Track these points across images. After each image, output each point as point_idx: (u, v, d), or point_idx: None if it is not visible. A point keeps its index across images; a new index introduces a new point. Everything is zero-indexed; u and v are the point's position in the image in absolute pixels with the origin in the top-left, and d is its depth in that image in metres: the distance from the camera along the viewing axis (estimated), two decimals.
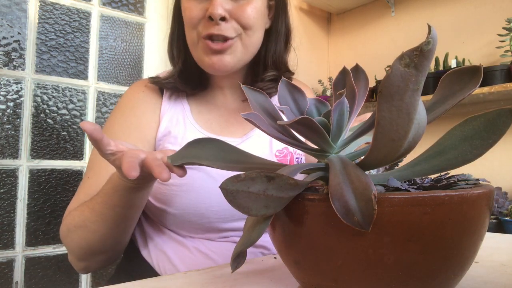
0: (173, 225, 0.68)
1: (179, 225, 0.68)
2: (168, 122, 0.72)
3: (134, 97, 0.74)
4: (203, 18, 0.66)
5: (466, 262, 0.30)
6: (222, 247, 0.68)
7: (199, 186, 0.65)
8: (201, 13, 0.66)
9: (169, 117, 0.72)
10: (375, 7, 2.29)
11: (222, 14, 0.64)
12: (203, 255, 0.67)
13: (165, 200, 0.66)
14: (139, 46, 1.74)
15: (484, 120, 0.32)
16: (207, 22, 0.65)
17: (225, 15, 0.64)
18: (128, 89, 0.76)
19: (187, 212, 0.65)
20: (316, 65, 2.45)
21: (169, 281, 0.43)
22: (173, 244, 0.68)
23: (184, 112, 0.73)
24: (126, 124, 0.70)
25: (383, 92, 0.25)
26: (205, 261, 0.66)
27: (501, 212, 1.52)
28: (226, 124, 0.75)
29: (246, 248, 0.31)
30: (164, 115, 0.72)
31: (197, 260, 0.66)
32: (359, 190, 0.27)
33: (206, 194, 0.65)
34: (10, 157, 1.42)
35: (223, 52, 0.67)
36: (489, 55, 1.79)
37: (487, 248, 0.53)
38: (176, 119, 0.72)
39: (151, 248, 0.69)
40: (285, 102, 0.37)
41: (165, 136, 0.71)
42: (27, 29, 1.47)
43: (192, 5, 0.67)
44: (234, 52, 0.68)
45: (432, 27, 0.24)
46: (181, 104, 0.74)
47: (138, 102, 0.73)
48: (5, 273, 1.39)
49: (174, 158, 0.39)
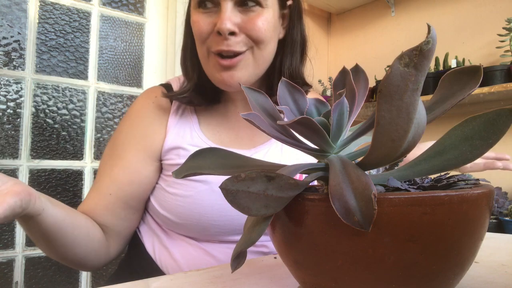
0: (177, 230, 0.69)
1: (181, 231, 0.69)
2: (174, 135, 0.71)
3: (143, 107, 0.73)
4: (212, 33, 0.64)
5: (466, 262, 0.30)
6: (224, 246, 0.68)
7: (203, 199, 0.65)
8: (210, 28, 0.63)
9: (176, 130, 0.71)
10: (375, 7, 2.29)
11: (230, 29, 0.61)
12: (205, 253, 0.68)
13: (169, 208, 0.67)
14: (139, 46, 1.74)
15: (484, 120, 0.32)
16: (216, 36, 0.63)
17: (234, 30, 0.62)
18: (139, 97, 0.76)
19: (189, 223, 0.66)
20: (316, 65, 2.45)
21: (169, 281, 0.43)
22: (177, 242, 0.69)
23: (191, 125, 0.72)
24: (133, 133, 0.70)
25: (383, 92, 0.25)
26: (206, 258, 0.67)
27: (501, 212, 1.52)
28: (235, 136, 0.74)
29: (246, 248, 0.31)
30: (170, 128, 0.71)
31: (199, 257, 0.67)
32: (359, 190, 0.27)
33: (209, 208, 0.65)
34: (10, 157, 1.42)
35: (234, 68, 0.64)
36: (489, 55, 1.79)
37: (487, 248, 0.53)
38: (183, 131, 0.71)
39: (155, 243, 0.71)
40: (285, 102, 0.37)
41: (172, 149, 0.70)
42: (27, 29, 1.47)
43: (201, 18, 0.64)
44: (246, 67, 0.65)
45: (432, 27, 0.24)
46: (189, 117, 0.73)
47: (147, 112, 0.72)
48: (5, 273, 1.39)
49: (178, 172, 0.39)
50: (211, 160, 0.39)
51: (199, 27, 0.64)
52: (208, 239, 0.68)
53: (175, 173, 0.39)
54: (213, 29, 0.63)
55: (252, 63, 0.66)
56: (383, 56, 2.18)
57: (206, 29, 0.64)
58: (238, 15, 0.63)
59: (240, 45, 0.63)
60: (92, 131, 1.60)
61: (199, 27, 0.64)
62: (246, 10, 0.63)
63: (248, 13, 0.63)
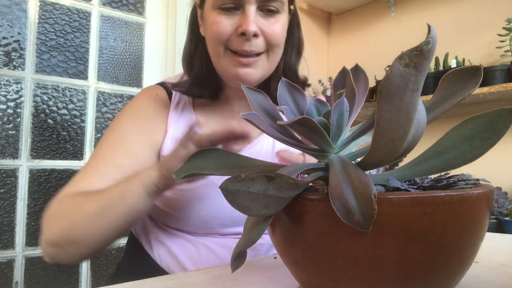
0: (175, 224, 0.69)
1: (181, 226, 0.69)
2: (173, 132, 0.72)
3: (145, 102, 0.74)
4: (233, 34, 0.66)
5: (466, 262, 0.30)
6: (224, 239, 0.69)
7: (202, 192, 0.67)
8: (232, 29, 0.66)
9: (176, 127, 0.73)
10: (375, 7, 2.29)
11: (256, 31, 0.65)
12: (205, 247, 0.68)
13: (168, 203, 0.68)
14: (139, 46, 1.74)
15: (484, 120, 0.32)
16: (238, 37, 0.66)
17: (258, 32, 0.66)
18: (139, 93, 0.77)
19: (189, 217, 0.67)
20: (316, 65, 2.45)
21: (169, 281, 0.43)
22: (175, 238, 0.70)
23: (190, 122, 0.74)
24: (137, 125, 0.71)
25: (383, 92, 0.25)
26: (207, 252, 0.68)
27: (501, 212, 1.52)
28: None
29: (246, 248, 0.31)
30: (170, 125, 0.73)
31: (199, 253, 0.67)
32: (359, 190, 0.27)
33: (209, 201, 0.67)
34: (10, 157, 1.42)
35: (251, 66, 0.68)
36: (489, 55, 1.79)
37: (487, 248, 0.53)
38: (183, 128, 0.73)
39: (153, 242, 0.71)
40: (285, 102, 0.37)
41: (172, 145, 0.71)
42: (27, 29, 1.47)
43: (222, 19, 0.66)
44: (261, 67, 0.69)
45: (432, 27, 0.24)
46: (188, 114, 0.75)
47: (149, 107, 0.73)
48: (5, 273, 1.39)
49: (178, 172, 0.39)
50: (212, 161, 0.39)
51: (220, 28, 0.66)
52: (208, 233, 0.69)
53: (175, 173, 0.39)
54: (235, 30, 0.66)
55: (266, 64, 0.70)
56: (383, 56, 2.18)
57: (228, 30, 0.66)
58: (260, 19, 0.67)
59: (260, 46, 0.68)
60: (92, 131, 1.60)
61: (221, 29, 0.66)
62: (267, 15, 0.68)
63: (268, 18, 0.68)
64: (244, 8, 0.65)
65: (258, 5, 0.66)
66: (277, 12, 0.68)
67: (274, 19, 0.68)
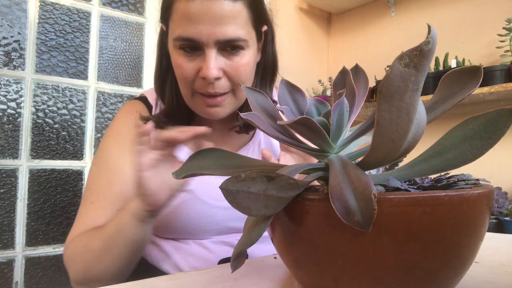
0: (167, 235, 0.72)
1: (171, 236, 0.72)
2: None
3: (127, 121, 0.74)
4: (196, 76, 0.64)
5: (466, 262, 0.30)
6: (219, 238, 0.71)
7: (188, 207, 0.68)
8: (194, 72, 0.64)
9: None
10: (375, 7, 2.29)
11: (216, 75, 0.62)
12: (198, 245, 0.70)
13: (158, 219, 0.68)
14: (139, 46, 1.74)
15: (484, 120, 0.32)
16: (201, 80, 0.64)
17: (219, 76, 0.63)
18: (120, 112, 0.76)
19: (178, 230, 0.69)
20: (316, 65, 2.45)
21: (169, 281, 0.43)
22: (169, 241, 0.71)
23: None
24: (124, 148, 0.71)
25: (383, 92, 0.25)
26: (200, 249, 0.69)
27: (501, 212, 1.53)
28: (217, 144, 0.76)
29: (246, 248, 0.31)
30: None
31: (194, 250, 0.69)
32: (359, 190, 0.27)
33: (196, 215, 0.69)
34: (10, 157, 1.42)
35: (218, 105, 0.67)
36: (489, 55, 1.79)
37: (487, 248, 0.53)
38: None
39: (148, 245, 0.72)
40: (285, 102, 0.37)
41: None
42: (27, 29, 1.47)
43: (184, 62, 0.64)
44: (228, 104, 0.68)
45: (432, 27, 0.24)
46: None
47: (130, 126, 0.73)
48: (5, 273, 1.39)
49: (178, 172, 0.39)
50: (212, 161, 0.39)
51: (183, 71, 0.65)
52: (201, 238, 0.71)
53: (175, 173, 0.39)
54: (197, 73, 0.64)
55: (234, 101, 0.69)
56: (383, 56, 2.18)
57: (191, 73, 0.64)
58: (222, 59, 0.64)
59: (224, 87, 0.65)
60: (92, 131, 1.60)
61: (184, 72, 0.65)
62: (230, 54, 0.64)
63: (232, 57, 0.64)
64: (204, 51, 0.62)
65: (219, 46, 0.63)
66: (241, 49, 0.64)
67: (239, 57, 0.64)
